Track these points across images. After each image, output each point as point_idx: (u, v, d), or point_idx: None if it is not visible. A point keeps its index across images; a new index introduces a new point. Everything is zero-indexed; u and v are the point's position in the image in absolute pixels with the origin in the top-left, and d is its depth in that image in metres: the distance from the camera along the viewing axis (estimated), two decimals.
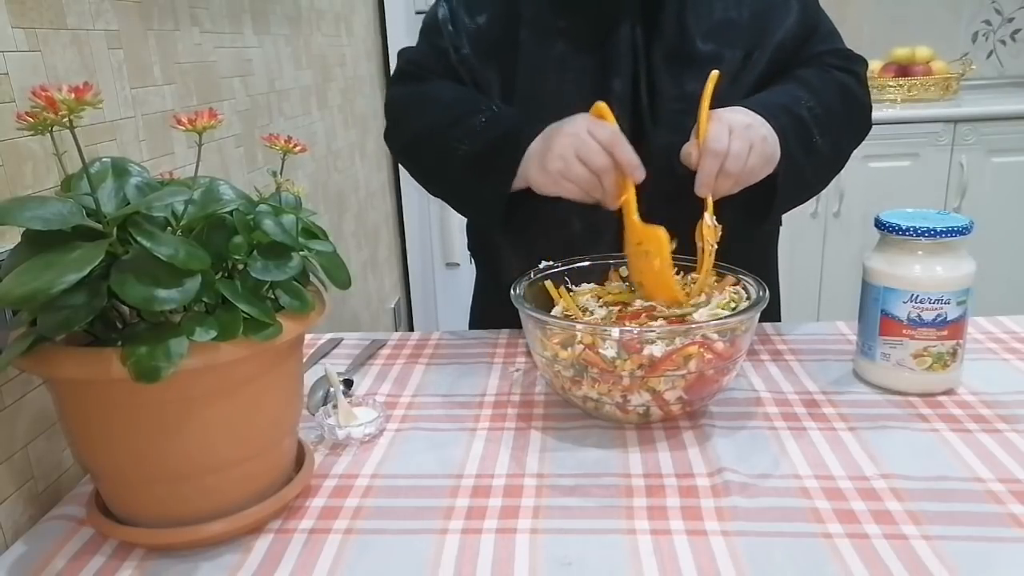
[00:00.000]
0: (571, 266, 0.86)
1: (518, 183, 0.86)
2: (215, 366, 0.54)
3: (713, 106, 0.81)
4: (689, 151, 0.80)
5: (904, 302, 0.77)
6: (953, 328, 0.76)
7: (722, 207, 0.79)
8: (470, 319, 1.18)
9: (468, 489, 0.66)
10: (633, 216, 0.79)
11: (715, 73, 0.80)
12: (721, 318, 0.73)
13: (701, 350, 0.70)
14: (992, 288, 2.11)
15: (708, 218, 0.78)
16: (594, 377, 0.71)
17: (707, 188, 0.79)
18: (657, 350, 0.69)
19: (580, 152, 0.78)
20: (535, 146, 0.83)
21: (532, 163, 0.83)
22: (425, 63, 1.00)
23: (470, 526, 0.61)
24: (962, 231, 0.75)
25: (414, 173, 1.01)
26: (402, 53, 1.04)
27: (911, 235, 0.75)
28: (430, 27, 1.00)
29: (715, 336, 0.71)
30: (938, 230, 0.75)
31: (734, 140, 0.78)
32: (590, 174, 0.79)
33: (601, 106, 0.81)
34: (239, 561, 0.58)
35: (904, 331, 0.77)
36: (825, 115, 0.88)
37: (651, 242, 0.78)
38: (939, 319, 0.76)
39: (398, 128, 1.01)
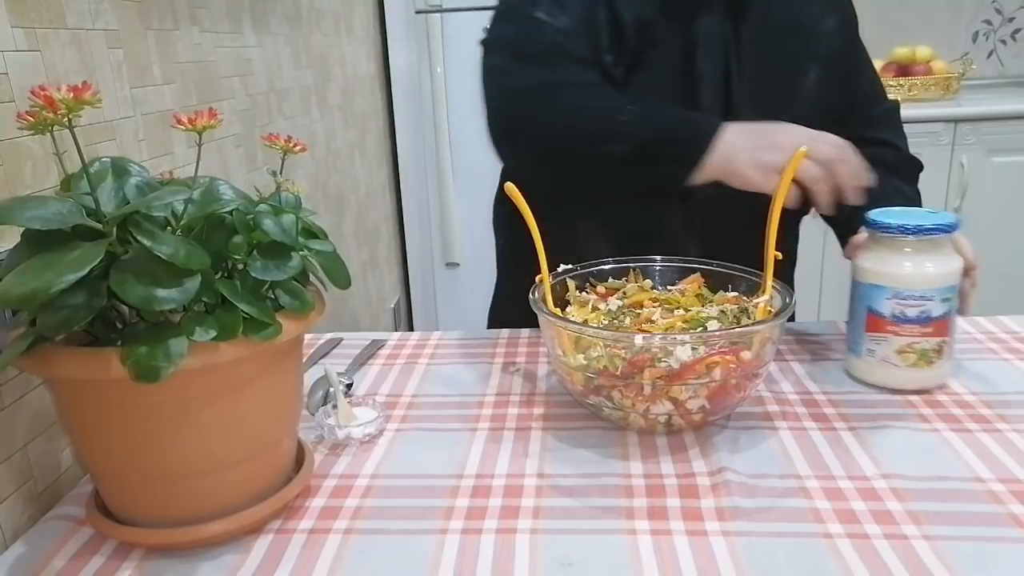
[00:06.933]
0: (590, 269, 0.85)
1: (700, 175, 0.84)
2: (215, 366, 0.54)
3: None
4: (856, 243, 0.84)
5: (888, 299, 0.77)
6: (938, 325, 0.77)
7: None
8: (490, 311, 1.19)
9: (468, 489, 0.66)
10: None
11: (802, 150, 0.78)
12: (746, 326, 0.72)
13: (727, 358, 0.68)
14: (992, 288, 2.10)
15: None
16: (615, 384, 0.70)
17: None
18: (680, 356, 0.68)
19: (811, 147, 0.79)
20: (738, 140, 0.82)
21: (740, 155, 0.82)
22: (544, 40, 0.92)
23: (470, 526, 0.61)
24: (946, 228, 0.75)
25: (545, 171, 0.94)
26: (498, 36, 0.96)
27: (895, 232, 0.76)
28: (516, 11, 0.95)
29: (741, 344, 0.69)
30: (924, 227, 0.75)
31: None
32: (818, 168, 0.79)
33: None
34: (239, 561, 0.58)
35: (888, 327, 0.78)
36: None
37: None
38: (923, 316, 0.76)
39: (527, 123, 0.92)
